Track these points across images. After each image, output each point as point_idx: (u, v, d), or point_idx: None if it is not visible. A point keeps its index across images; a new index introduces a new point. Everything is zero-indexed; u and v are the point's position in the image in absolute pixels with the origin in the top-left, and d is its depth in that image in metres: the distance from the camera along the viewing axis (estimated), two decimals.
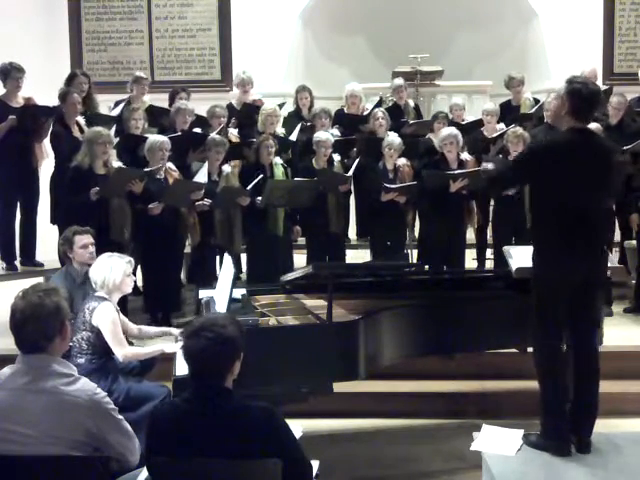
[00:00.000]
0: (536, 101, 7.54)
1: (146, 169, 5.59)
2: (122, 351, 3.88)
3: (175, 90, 7.13)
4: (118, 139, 6.05)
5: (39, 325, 2.39)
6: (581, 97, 3.48)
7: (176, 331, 4.10)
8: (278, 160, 6.20)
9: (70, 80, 6.46)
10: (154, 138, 5.78)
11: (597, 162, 3.51)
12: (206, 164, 5.88)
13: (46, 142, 6.38)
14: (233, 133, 6.75)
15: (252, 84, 7.28)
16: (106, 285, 3.94)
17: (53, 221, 6.10)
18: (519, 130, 6.10)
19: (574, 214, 3.47)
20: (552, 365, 3.57)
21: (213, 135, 6.10)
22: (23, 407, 2.37)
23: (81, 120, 6.14)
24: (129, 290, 4.15)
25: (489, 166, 4.94)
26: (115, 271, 3.95)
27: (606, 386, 4.58)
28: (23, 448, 2.34)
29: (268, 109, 6.54)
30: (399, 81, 7.54)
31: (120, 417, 2.54)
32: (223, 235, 5.93)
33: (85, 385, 2.46)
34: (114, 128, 6.12)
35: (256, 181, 5.82)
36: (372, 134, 6.76)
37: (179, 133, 6.19)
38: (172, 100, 7.03)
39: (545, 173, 3.50)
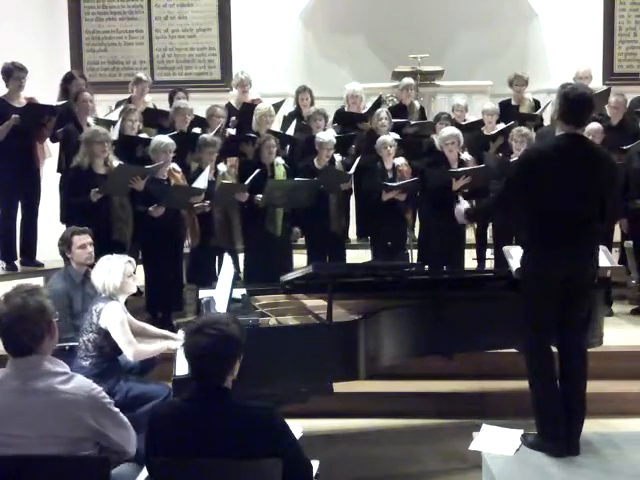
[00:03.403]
0: (536, 102, 7.55)
1: (147, 166, 5.60)
2: (132, 350, 3.86)
3: (174, 91, 7.16)
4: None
5: (27, 327, 2.37)
6: (569, 101, 3.50)
7: (177, 336, 4.09)
8: (280, 160, 6.20)
9: (67, 81, 6.46)
10: (159, 139, 5.77)
11: (587, 167, 3.51)
12: (207, 169, 5.86)
13: (48, 142, 6.40)
14: (231, 134, 6.75)
15: (250, 84, 7.30)
16: (107, 289, 3.91)
17: (63, 220, 6.09)
18: (524, 129, 6.11)
19: (563, 217, 3.48)
20: (542, 366, 3.57)
21: (204, 135, 6.08)
22: (19, 410, 2.36)
23: (91, 121, 6.15)
24: (133, 290, 4.11)
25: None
26: (113, 274, 3.92)
27: (606, 386, 4.60)
28: (25, 451, 2.33)
29: (262, 109, 6.53)
30: (408, 80, 7.53)
31: (116, 410, 2.54)
32: (222, 235, 5.93)
33: (81, 382, 2.46)
34: (118, 128, 6.13)
35: (253, 175, 5.81)
36: (371, 133, 6.75)
37: (176, 132, 6.19)
38: (171, 101, 7.05)
39: (534, 178, 3.51)
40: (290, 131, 6.74)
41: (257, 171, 5.86)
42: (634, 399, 4.76)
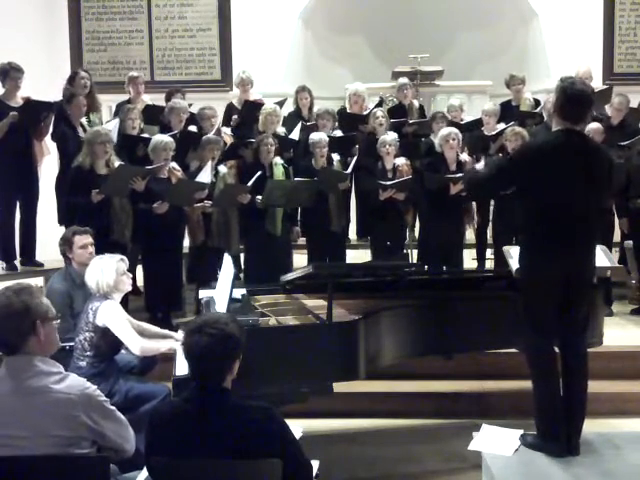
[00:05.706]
0: (536, 101, 7.55)
1: (148, 167, 5.60)
2: (138, 344, 3.81)
3: (170, 91, 7.16)
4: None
5: (8, 324, 2.39)
6: (566, 96, 3.44)
7: (178, 335, 4.08)
8: (278, 160, 6.20)
9: (72, 79, 6.46)
10: (158, 138, 5.78)
11: (583, 164, 3.46)
12: (209, 164, 5.86)
13: (47, 139, 6.40)
14: (227, 132, 6.75)
15: (252, 84, 7.31)
16: (101, 288, 3.88)
17: (61, 222, 6.08)
18: (517, 128, 6.12)
19: (559, 215, 3.45)
20: (545, 366, 3.56)
21: (208, 135, 6.09)
22: (15, 410, 2.36)
23: (84, 121, 6.15)
24: (128, 288, 4.09)
25: (478, 166, 4.68)
26: (107, 273, 3.89)
27: (606, 386, 4.59)
28: (21, 452, 2.33)
29: (268, 109, 6.54)
30: (403, 80, 7.53)
31: (112, 408, 2.54)
32: (220, 236, 5.93)
33: (74, 381, 2.46)
34: (116, 130, 6.13)
35: (256, 177, 5.81)
36: (371, 135, 6.75)
37: (176, 132, 6.19)
38: (168, 101, 7.04)
39: (530, 175, 3.48)
40: (295, 133, 6.73)
41: (259, 173, 5.86)
42: (634, 399, 4.76)
